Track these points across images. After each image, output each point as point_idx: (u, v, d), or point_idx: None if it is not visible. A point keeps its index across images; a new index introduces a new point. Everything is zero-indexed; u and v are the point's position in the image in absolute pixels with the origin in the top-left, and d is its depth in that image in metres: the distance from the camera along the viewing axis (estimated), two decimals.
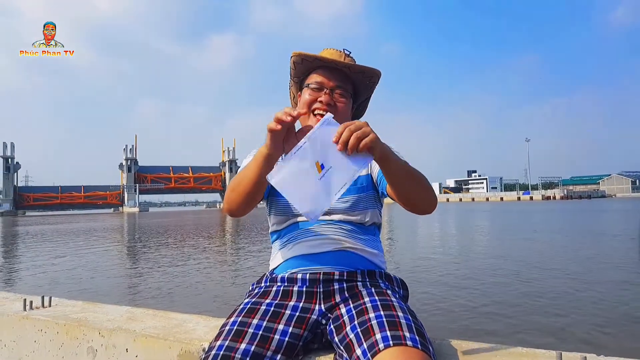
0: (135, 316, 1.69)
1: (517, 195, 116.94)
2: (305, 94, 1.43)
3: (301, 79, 1.50)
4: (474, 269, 9.66)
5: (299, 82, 1.51)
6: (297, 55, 1.42)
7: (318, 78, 1.42)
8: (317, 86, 1.42)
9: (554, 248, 13.02)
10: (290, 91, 1.61)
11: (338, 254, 1.34)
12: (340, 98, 1.42)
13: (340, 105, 1.41)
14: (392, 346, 1.01)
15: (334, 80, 1.41)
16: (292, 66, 1.47)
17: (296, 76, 1.51)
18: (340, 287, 1.30)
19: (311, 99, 1.41)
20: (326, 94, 1.40)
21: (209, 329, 1.49)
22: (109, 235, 24.93)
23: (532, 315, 5.87)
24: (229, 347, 1.11)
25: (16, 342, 1.74)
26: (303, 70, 1.47)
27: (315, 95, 1.41)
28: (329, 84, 1.41)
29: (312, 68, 1.46)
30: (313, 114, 1.41)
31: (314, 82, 1.43)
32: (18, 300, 1.94)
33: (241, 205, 1.29)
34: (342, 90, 1.42)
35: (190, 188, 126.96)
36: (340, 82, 1.42)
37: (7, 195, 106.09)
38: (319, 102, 1.40)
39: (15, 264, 13.58)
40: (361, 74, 1.44)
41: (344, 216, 1.39)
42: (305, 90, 1.45)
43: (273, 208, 1.47)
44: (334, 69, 1.43)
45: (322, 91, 1.41)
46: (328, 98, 1.39)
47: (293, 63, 1.46)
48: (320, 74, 1.43)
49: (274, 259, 1.45)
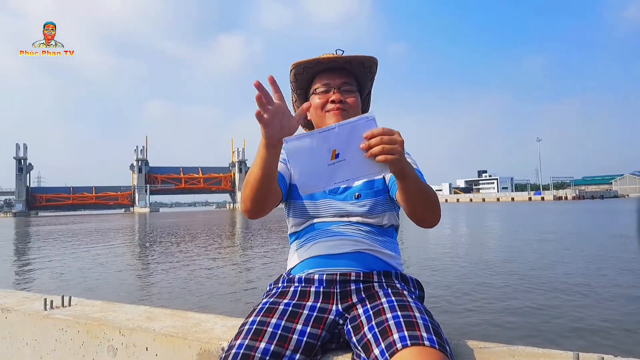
0: (153, 316, 1.71)
1: (529, 196, 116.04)
2: (315, 99, 1.47)
3: (305, 89, 1.54)
4: (489, 268, 9.62)
5: (303, 93, 1.55)
6: (298, 65, 1.46)
7: (323, 80, 1.47)
8: (325, 88, 1.45)
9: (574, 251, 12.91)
10: (294, 108, 1.59)
11: (355, 255, 1.35)
12: (349, 94, 1.46)
13: (351, 100, 1.46)
14: (409, 346, 1.02)
15: (338, 78, 1.46)
16: (293, 79, 1.51)
17: (299, 87, 1.54)
18: (357, 288, 1.31)
19: (322, 102, 1.45)
20: (335, 92, 1.44)
21: (227, 329, 1.51)
22: (123, 236, 25.14)
23: (550, 316, 5.85)
24: (249, 345, 1.12)
25: (37, 340, 1.77)
26: (306, 79, 1.51)
27: (325, 97, 1.45)
28: (335, 82, 1.45)
29: (313, 75, 1.50)
30: (327, 113, 1.45)
31: (320, 85, 1.47)
32: (38, 299, 1.98)
33: (254, 202, 1.26)
34: (349, 86, 1.46)
35: (200, 188, 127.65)
36: (345, 78, 1.47)
37: (20, 196, 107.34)
38: (330, 102, 1.44)
39: (33, 263, 13.75)
40: (361, 66, 1.48)
41: (362, 219, 1.40)
42: (313, 97, 1.49)
43: (291, 210, 1.48)
44: (336, 69, 1.47)
45: (330, 92, 1.45)
46: (339, 96, 1.43)
47: (294, 75, 1.49)
48: (324, 77, 1.47)
49: (292, 259, 1.46)
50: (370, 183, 1.43)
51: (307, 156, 1.07)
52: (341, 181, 1.08)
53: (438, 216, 1.28)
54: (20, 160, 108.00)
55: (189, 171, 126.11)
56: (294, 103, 1.60)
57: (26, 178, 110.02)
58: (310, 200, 1.43)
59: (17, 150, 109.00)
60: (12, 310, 1.87)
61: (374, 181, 1.44)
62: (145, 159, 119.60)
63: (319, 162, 1.07)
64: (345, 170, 1.07)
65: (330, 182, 1.07)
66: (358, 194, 1.42)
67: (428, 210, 1.25)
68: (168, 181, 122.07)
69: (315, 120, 1.51)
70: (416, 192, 1.20)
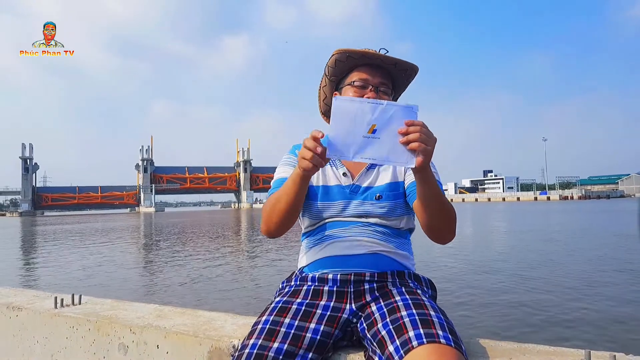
0: (164, 314, 1.72)
1: (534, 196, 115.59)
2: (349, 92, 1.42)
3: (339, 78, 1.49)
4: (498, 267, 9.60)
5: (336, 80, 1.50)
6: (342, 53, 1.39)
7: (362, 75, 1.41)
8: (362, 83, 1.40)
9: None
10: (320, 92, 1.57)
11: (370, 257, 1.34)
12: (384, 96, 1.41)
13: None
14: (425, 344, 1.02)
15: (378, 77, 1.41)
16: (333, 64, 1.44)
17: (334, 75, 1.48)
18: (371, 287, 1.31)
19: (355, 97, 1.40)
20: (372, 91, 1.39)
21: (237, 327, 1.51)
22: (131, 235, 25.23)
23: (560, 314, 5.83)
24: (262, 345, 1.13)
25: (48, 338, 1.78)
26: (344, 68, 1.45)
27: (360, 93, 1.40)
28: (373, 80, 1.40)
29: (352, 66, 1.44)
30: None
31: (358, 79, 1.41)
32: (49, 298, 1.99)
33: (280, 226, 1.34)
34: (385, 88, 1.42)
35: (205, 188, 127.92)
36: (384, 79, 1.42)
37: (26, 196, 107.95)
38: None
39: (43, 262, 13.83)
40: (403, 72, 1.44)
41: (380, 220, 1.39)
42: (348, 88, 1.43)
43: (307, 211, 1.46)
44: (376, 66, 1.41)
45: (367, 89, 1.40)
46: (374, 95, 1.39)
47: (335, 61, 1.43)
48: (364, 71, 1.41)
49: (304, 257, 1.46)
50: (392, 185, 1.41)
51: (349, 120, 1.08)
52: (368, 158, 1.08)
53: (453, 231, 1.30)
54: (26, 160, 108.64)
55: (194, 171, 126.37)
56: (322, 87, 1.56)
57: (32, 178, 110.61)
58: (327, 201, 1.42)
59: (23, 150, 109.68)
60: (22, 309, 1.88)
61: (396, 184, 1.42)
62: (151, 158, 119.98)
63: (357, 131, 1.08)
64: (377, 149, 1.08)
65: (358, 154, 1.08)
66: (379, 195, 1.40)
67: (444, 222, 1.26)
68: (173, 181, 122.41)
69: None
70: (434, 201, 1.21)
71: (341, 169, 1.45)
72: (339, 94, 1.48)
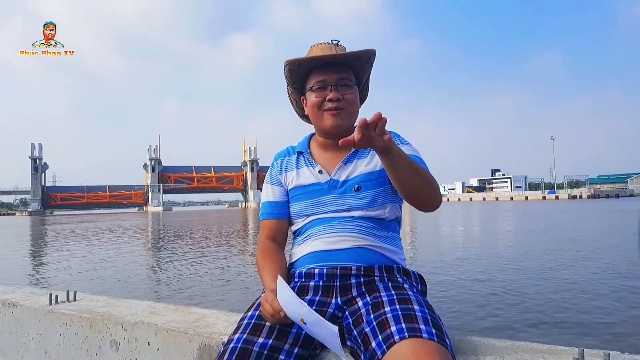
0: (156, 310, 1.71)
1: (543, 195, 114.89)
2: (311, 97, 1.42)
3: (300, 83, 1.49)
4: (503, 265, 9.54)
5: (299, 87, 1.51)
6: (292, 62, 1.41)
7: (319, 77, 1.41)
8: (321, 85, 1.40)
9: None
10: (290, 99, 1.59)
11: (356, 251, 1.33)
12: (347, 90, 1.41)
13: (349, 96, 1.41)
14: (407, 338, 1.01)
15: (335, 74, 1.40)
16: (288, 74, 1.46)
17: (295, 82, 1.49)
18: (358, 282, 1.29)
19: (318, 100, 1.41)
20: (332, 91, 1.39)
21: (228, 324, 1.50)
22: (142, 233, 25.36)
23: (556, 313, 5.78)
24: (247, 340, 1.12)
25: (42, 335, 1.78)
26: (300, 74, 1.45)
27: (322, 94, 1.40)
28: (331, 79, 1.40)
29: (309, 71, 1.44)
30: (325, 112, 1.40)
31: (315, 82, 1.41)
32: (44, 294, 1.98)
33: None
34: (345, 81, 1.41)
35: (212, 187, 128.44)
36: (342, 73, 1.40)
37: (36, 195, 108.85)
38: (328, 100, 1.39)
39: (57, 260, 13.93)
40: (359, 59, 1.42)
41: (363, 212, 1.37)
42: (309, 93, 1.44)
43: (291, 214, 1.48)
44: (332, 64, 1.40)
45: (327, 89, 1.40)
46: (336, 94, 1.38)
47: (289, 71, 1.44)
48: (320, 73, 1.41)
49: (293, 255, 1.46)
50: (370, 174, 1.40)
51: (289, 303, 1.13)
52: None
53: (437, 196, 1.26)
54: (35, 159, 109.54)
55: (202, 170, 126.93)
56: (290, 95, 1.57)
57: (41, 177, 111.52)
58: (310, 199, 1.42)
59: (32, 150, 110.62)
60: (17, 305, 1.88)
61: (373, 172, 1.40)
62: (158, 158, 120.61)
63: (296, 312, 1.12)
64: (316, 331, 1.12)
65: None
66: (358, 186, 1.39)
67: (423, 189, 1.22)
68: (181, 180, 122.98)
69: (313, 119, 1.47)
70: (406, 169, 1.17)
71: (317, 167, 1.45)
72: (304, 99, 1.48)
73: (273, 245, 1.45)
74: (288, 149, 1.58)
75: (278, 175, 1.52)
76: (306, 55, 1.42)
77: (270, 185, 1.52)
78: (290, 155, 1.55)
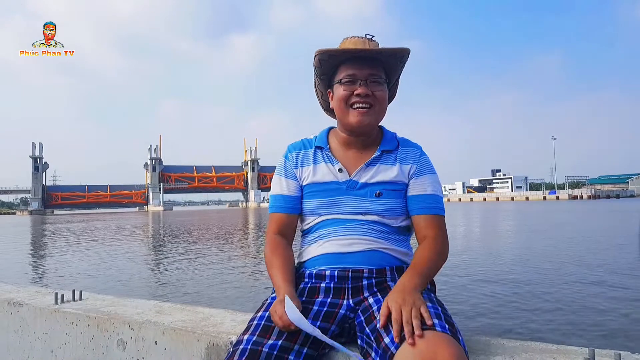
0: (163, 310, 1.71)
1: (543, 195, 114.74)
2: (339, 90, 1.38)
3: (329, 75, 1.44)
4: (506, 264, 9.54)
5: (327, 79, 1.46)
6: (323, 52, 1.35)
7: (349, 71, 1.36)
8: (350, 79, 1.36)
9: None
10: (316, 91, 1.54)
11: (368, 254, 1.33)
12: (376, 87, 1.37)
13: (379, 93, 1.37)
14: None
15: (366, 70, 1.36)
16: (318, 64, 1.40)
17: (323, 74, 1.44)
18: (369, 283, 1.29)
19: (346, 94, 1.37)
20: (362, 86, 1.35)
21: (236, 323, 1.49)
22: (144, 233, 25.36)
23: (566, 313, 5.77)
24: (256, 341, 1.11)
25: (48, 334, 1.78)
26: (330, 66, 1.41)
27: (350, 89, 1.36)
28: (362, 74, 1.36)
29: (339, 63, 1.39)
30: (352, 108, 1.37)
31: (345, 75, 1.37)
32: (49, 294, 1.98)
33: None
34: (376, 78, 1.37)
35: (213, 187, 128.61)
36: (373, 69, 1.37)
37: (36, 194, 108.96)
38: (356, 95, 1.35)
39: (58, 259, 13.92)
40: (393, 57, 1.38)
41: (379, 218, 1.36)
42: (337, 86, 1.39)
43: (303, 210, 1.45)
44: (364, 58, 1.36)
45: (356, 84, 1.36)
46: (365, 89, 1.35)
47: (318, 61, 1.39)
48: (350, 66, 1.37)
49: (302, 253, 1.44)
50: (393, 184, 1.39)
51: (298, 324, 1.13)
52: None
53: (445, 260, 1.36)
54: (36, 159, 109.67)
55: (202, 170, 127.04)
56: (316, 86, 1.53)
57: (42, 177, 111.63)
58: (326, 197, 1.40)
59: (33, 149, 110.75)
60: (23, 304, 1.88)
61: (397, 182, 1.39)
62: (159, 157, 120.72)
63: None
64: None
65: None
66: (379, 192, 1.37)
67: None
68: (181, 180, 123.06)
69: (338, 113, 1.42)
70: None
71: (337, 165, 1.42)
72: (331, 92, 1.44)
73: (282, 241, 1.43)
74: (303, 141, 1.53)
75: (293, 169, 1.47)
76: (339, 47, 1.38)
77: (284, 178, 1.47)
78: (307, 149, 1.49)
